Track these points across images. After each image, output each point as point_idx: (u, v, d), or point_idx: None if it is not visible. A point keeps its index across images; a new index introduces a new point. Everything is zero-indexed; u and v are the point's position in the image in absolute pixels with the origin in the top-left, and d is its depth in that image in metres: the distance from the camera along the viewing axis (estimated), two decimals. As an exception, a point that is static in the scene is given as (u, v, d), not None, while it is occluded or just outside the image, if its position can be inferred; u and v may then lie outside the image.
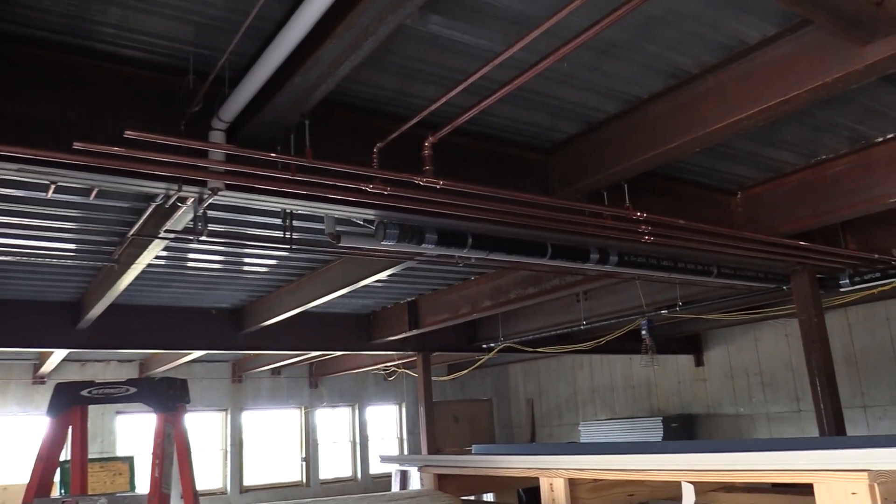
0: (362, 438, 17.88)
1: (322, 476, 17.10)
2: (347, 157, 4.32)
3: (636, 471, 2.69)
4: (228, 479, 15.87)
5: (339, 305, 10.53)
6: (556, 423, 18.95)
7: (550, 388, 19.22)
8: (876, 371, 12.88)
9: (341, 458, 17.68)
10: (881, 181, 5.82)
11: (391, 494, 2.94)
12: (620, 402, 17.34)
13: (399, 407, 18.61)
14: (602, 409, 17.75)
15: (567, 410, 18.68)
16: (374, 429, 18.28)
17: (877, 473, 1.98)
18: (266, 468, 16.51)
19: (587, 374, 18.20)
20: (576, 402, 18.47)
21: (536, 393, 19.64)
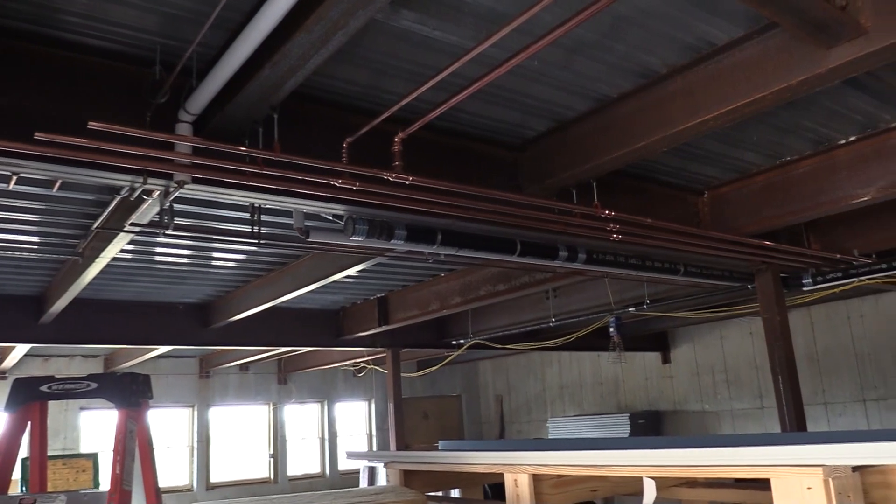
0: (331, 435, 17.82)
1: (290, 473, 17.01)
2: (317, 151, 4.29)
3: (598, 466, 2.71)
4: (195, 475, 15.72)
5: (308, 301, 10.47)
6: (526, 419, 19.06)
7: (520, 385, 19.31)
8: (837, 369, 13.14)
9: (310, 454, 17.60)
10: (843, 183, 5.93)
11: (355, 491, 2.93)
12: (589, 399, 17.49)
13: (368, 403, 18.57)
14: (571, 406, 17.89)
15: (536, 407, 18.80)
16: (343, 425, 18.23)
17: (831, 468, 2.03)
18: (234, 465, 16.37)
19: (556, 371, 18.33)
20: (545, 399, 18.59)
21: (506, 389, 19.73)
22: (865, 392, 12.79)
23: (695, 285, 8.35)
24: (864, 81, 4.82)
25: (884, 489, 2.21)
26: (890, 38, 3.61)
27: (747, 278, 7.91)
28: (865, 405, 12.79)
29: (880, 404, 12.61)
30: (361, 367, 16.87)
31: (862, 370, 12.84)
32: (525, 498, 2.93)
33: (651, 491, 2.43)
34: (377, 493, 2.80)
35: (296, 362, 16.26)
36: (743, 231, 6.52)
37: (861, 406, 12.83)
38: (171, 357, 14.82)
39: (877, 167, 5.72)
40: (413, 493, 2.79)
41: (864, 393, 12.80)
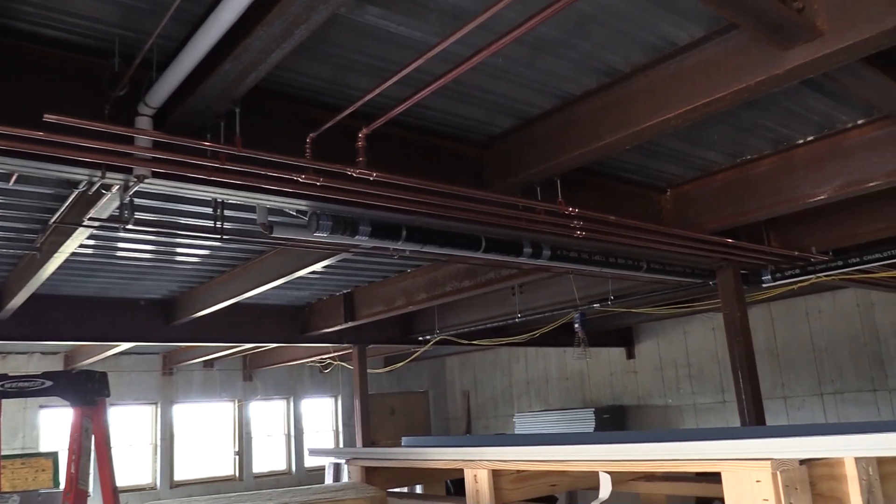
0: (297, 431, 17.73)
1: (256, 470, 16.89)
2: (280, 146, 4.26)
3: (556, 461, 2.75)
4: (158, 473, 15.53)
5: (273, 297, 10.39)
6: (492, 414, 19.15)
7: (486, 380, 19.40)
8: (796, 363, 13.43)
9: (276, 451, 17.49)
10: (801, 182, 6.05)
11: (315, 488, 2.92)
12: (554, 394, 17.64)
13: (335, 399, 18.51)
14: (537, 401, 18.02)
15: (503, 402, 18.90)
16: (310, 422, 18.14)
17: (779, 462, 2.08)
18: (198, 462, 16.21)
19: (522, 367, 18.44)
20: (511, 394, 18.70)
21: (472, 385, 19.80)
22: (823, 386, 13.09)
23: (658, 282, 8.46)
24: (821, 82, 4.92)
25: (830, 481, 2.28)
26: (845, 40, 3.69)
27: (709, 275, 8.03)
28: (823, 399, 13.09)
29: (837, 398, 12.91)
30: (328, 364, 16.79)
31: (820, 365, 13.13)
32: (484, 493, 2.95)
33: (606, 485, 2.47)
34: (337, 490, 2.80)
35: (261, 359, 16.13)
36: (704, 228, 6.61)
37: (819, 400, 13.13)
38: (133, 354, 14.61)
39: (833, 167, 5.85)
40: (373, 489, 2.79)
41: (822, 387, 13.10)
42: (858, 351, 12.71)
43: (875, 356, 12.54)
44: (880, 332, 12.51)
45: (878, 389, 12.48)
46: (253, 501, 2.46)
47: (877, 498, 2.23)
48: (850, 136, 5.77)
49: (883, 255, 7.47)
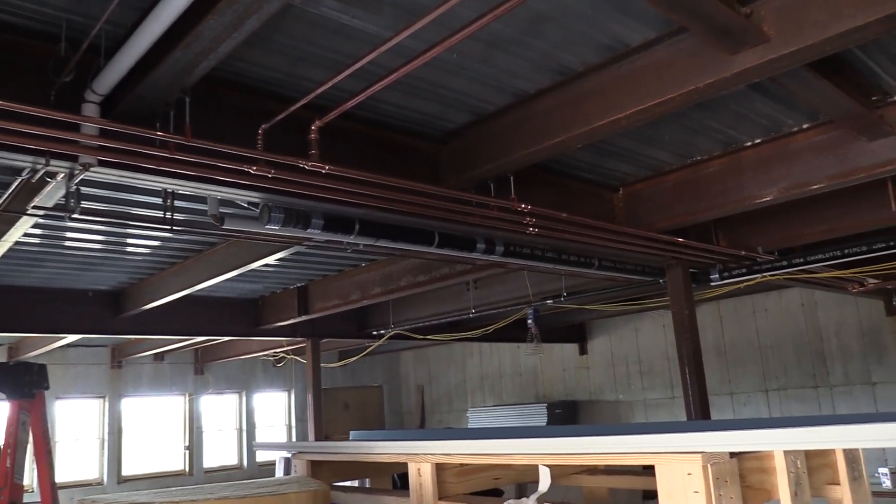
0: (249, 426, 17.56)
1: (206, 465, 16.69)
2: (232, 137, 4.21)
3: (496, 455, 2.79)
4: (105, 468, 15.24)
5: (226, 289, 10.27)
6: (446, 409, 19.23)
7: (441, 375, 19.46)
8: (742, 360, 13.77)
9: (227, 446, 17.30)
10: (749, 183, 6.19)
11: (259, 482, 2.90)
12: (508, 389, 17.78)
13: (288, 394, 18.38)
14: (490, 396, 18.15)
15: (457, 397, 18.98)
16: (262, 416, 17.98)
17: (710, 455, 2.15)
18: (147, 457, 15.94)
19: (477, 362, 18.55)
20: (465, 389, 18.80)
21: (427, 380, 19.85)
22: (768, 382, 13.45)
23: (609, 279, 8.59)
24: (768, 87, 5.04)
25: (760, 474, 2.35)
26: (790, 45, 3.79)
27: (659, 273, 8.17)
28: (768, 395, 13.45)
29: (780, 394, 13.28)
30: (281, 358, 16.67)
31: (765, 362, 13.50)
32: (428, 486, 2.97)
33: (546, 478, 2.50)
34: (280, 483, 2.78)
35: (213, 352, 15.93)
36: (655, 227, 6.73)
37: (764, 396, 13.48)
38: (80, 346, 14.29)
39: (779, 169, 6.00)
40: (317, 483, 2.79)
41: (767, 383, 13.46)
42: (802, 349, 13.09)
43: (818, 354, 12.92)
44: (823, 331, 12.90)
45: (820, 386, 12.87)
46: (193, 495, 2.43)
47: (804, 490, 2.31)
48: (796, 139, 5.93)
49: (825, 256, 7.70)
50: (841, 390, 12.65)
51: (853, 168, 5.66)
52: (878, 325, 12.32)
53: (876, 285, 10.53)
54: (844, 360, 12.63)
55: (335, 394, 18.43)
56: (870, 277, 9.92)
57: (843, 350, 12.66)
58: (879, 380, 12.25)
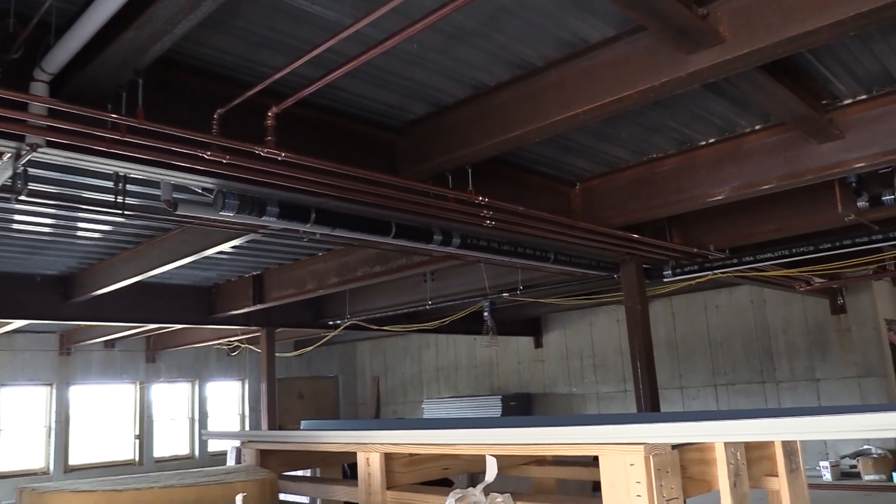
0: (202, 415, 17.36)
1: (157, 454, 16.45)
2: (186, 121, 4.14)
3: (444, 445, 2.81)
4: (52, 457, 14.91)
5: (179, 276, 10.11)
6: (402, 400, 19.25)
7: (397, 366, 19.47)
8: (693, 356, 14.06)
9: (179, 435, 17.06)
10: (702, 181, 6.31)
11: (206, 470, 2.87)
12: (463, 381, 17.87)
13: (242, 383, 18.20)
14: (446, 387, 18.22)
15: (412, 388, 19.02)
16: (215, 405, 17.78)
17: (651, 446, 2.20)
18: (96, 446, 15.64)
19: (433, 354, 18.60)
20: (421, 381, 18.84)
21: (383, 370, 19.84)
22: (717, 377, 13.76)
23: (565, 273, 8.67)
24: (723, 88, 5.14)
25: (700, 465, 2.42)
26: (744, 47, 3.87)
27: (613, 268, 8.28)
28: (716, 389, 13.76)
29: (729, 389, 13.60)
30: (235, 347, 16.48)
31: (715, 357, 13.80)
32: (376, 476, 2.98)
33: (492, 468, 2.53)
34: (227, 472, 2.76)
35: (165, 340, 15.68)
36: (610, 223, 6.81)
37: (713, 390, 13.79)
38: (27, 332, 13.94)
39: (731, 168, 6.13)
40: (265, 472, 2.77)
41: (716, 378, 13.77)
42: (750, 345, 13.41)
43: (765, 350, 13.26)
44: (771, 328, 13.23)
45: (767, 382, 13.21)
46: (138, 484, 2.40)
47: (743, 481, 2.38)
48: (749, 140, 6.06)
49: (774, 255, 7.89)
50: (786, 386, 12.99)
51: (802, 170, 5.80)
52: (823, 323, 12.68)
53: (822, 285, 10.85)
54: (790, 357, 12.98)
55: (290, 384, 18.31)
56: (816, 277, 10.20)
57: (790, 347, 13.01)
58: (823, 376, 12.62)
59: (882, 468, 11.32)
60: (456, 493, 2.48)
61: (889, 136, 5.35)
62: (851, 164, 5.57)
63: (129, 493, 2.27)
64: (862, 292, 12.34)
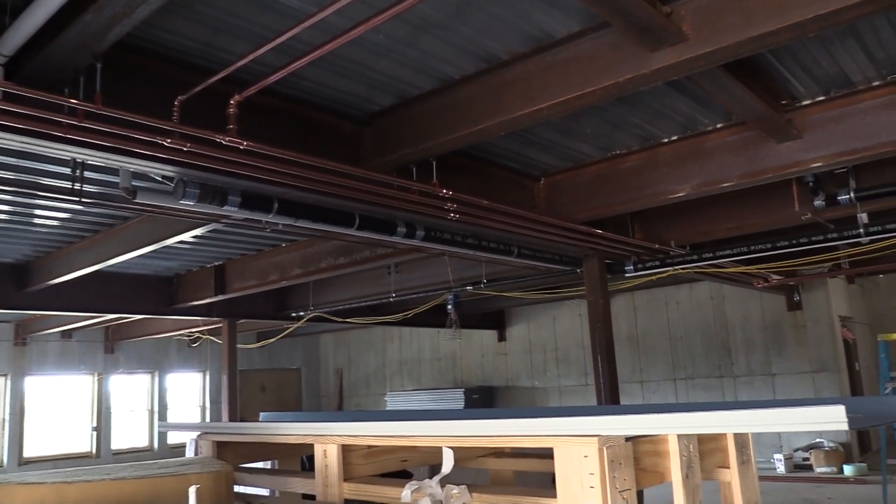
0: (161, 407, 17.14)
1: (115, 446, 16.21)
2: (146, 107, 4.06)
3: (401, 437, 2.81)
4: (6, 450, 14.61)
5: (139, 266, 9.96)
6: (364, 393, 19.22)
7: (360, 359, 19.43)
8: (653, 350, 14.26)
9: (138, 427, 16.83)
10: (664, 178, 6.39)
11: (161, 462, 2.83)
12: (427, 374, 17.90)
13: (203, 375, 18.01)
14: (409, 380, 18.23)
15: (375, 381, 19.00)
16: (175, 397, 17.56)
17: (605, 438, 2.23)
18: (51, 438, 15.34)
19: (396, 346, 18.59)
20: (384, 373, 18.83)
21: (346, 363, 19.78)
22: (676, 372, 13.98)
23: (528, 267, 8.72)
24: (686, 86, 5.20)
25: (654, 457, 2.46)
26: (706, 46, 3.92)
27: (576, 263, 8.35)
28: (675, 384, 13.98)
29: (688, 383, 13.83)
30: (196, 338, 16.28)
31: (675, 352, 14.02)
32: (333, 468, 2.97)
33: (449, 460, 2.54)
34: (182, 464, 2.72)
35: (125, 330, 15.43)
36: (574, 218, 6.87)
37: (672, 384, 14.01)
38: (-20, 321, 13.62)
39: (693, 166, 6.21)
40: (220, 464, 2.74)
41: (676, 373, 13.99)
42: (709, 340, 13.65)
43: (723, 345, 13.50)
44: (729, 324, 13.48)
45: (724, 376, 13.46)
46: (89, 476, 2.35)
47: (695, 473, 2.42)
48: (710, 138, 6.15)
49: (733, 252, 8.03)
50: (744, 380, 13.25)
51: (762, 168, 5.91)
52: (780, 319, 12.95)
53: (779, 281, 11.07)
54: (748, 352, 13.24)
55: (252, 376, 18.16)
56: (773, 274, 10.41)
57: (747, 342, 13.27)
58: (779, 371, 12.89)
59: (833, 461, 11.61)
60: (412, 485, 2.49)
61: (845, 137, 5.47)
62: (809, 164, 5.69)
63: (78, 485, 2.23)
64: (817, 289, 12.63)
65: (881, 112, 5.31)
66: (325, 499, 3.11)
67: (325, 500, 3.11)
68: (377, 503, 3.04)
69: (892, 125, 5.27)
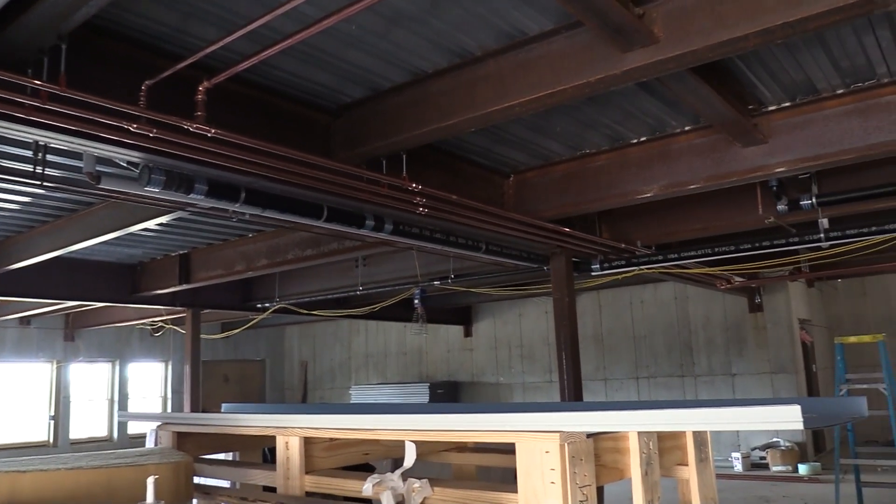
0: (122, 397, 16.89)
1: (73, 436, 15.93)
2: (113, 91, 3.99)
3: (363, 430, 2.81)
4: (-42, 437, 14.28)
5: (102, 253, 9.79)
6: (329, 386, 19.15)
7: (326, 352, 19.35)
8: (617, 348, 14.42)
9: (97, 416, 16.56)
10: (632, 178, 6.45)
11: (118, 452, 2.79)
12: (392, 368, 17.89)
13: (165, 364, 17.78)
14: (375, 374, 18.20)
15: (341, 374, 18.94)
16: (137, 387, 17.32)
17: (567, 434, 2.25)
18: (7, 427, 15.03)
19: (362, 340, 18.55)
20: (350, 367, 18.78)
21: (311, 355, 19.68)
22: (639, 370, 14.15)
23: (496, 263, 8.75)
24: (656, 88, 5.25)
25: (614, 454, 2.49)
26: (678, 49, 3.96)
27: (543, 260, 8.40)
28: (638, 382, 14.15)
29: (651, 381, 14.01)
30: (159, 327, 16.07)
31: (638, 351, 14.19)
32: (295, 460, 2.96)
33: (411, 453, 2.54)
34: (141, 454, 2.68)
35: (86, 318, 15.17)
36: (542, 215, 6.90)
37: (635, 383, 14.18)
38: (-66, 306, 13.27)
39: (660, 167, 6.28)
40: (180, 454, 2.70)
41: (639, 371, 14.16)
42: (672, 340, 13.84)
43: (686, 345, 13.70)
44: (692, 324, 13.68)
45: (686, 375, 13.66)
46: (44, 465, 2.31)
47: (654, 470, 2.46)
48: (678, 140, 6.22)
49: (698, 253, 8.15)
50: (704, 380, 13.46)
51: (727, 171, 5.99)
52: (741, 321, 13.17)
53: (741, 283, 11.27)
54: (709, 352, 13.45)
55: (215, 366, 17.98)
56: (736, 275, 10.58)
57: (709, 343, 13.47)
58: (738, 371, 13.12)
59: (789, 460, 11.86)
60: (374, 478, 2.49)
61: (809, 144, 5.57)
62: (773, 169, 5.79)
63: (32, 474, 2.18)
64: (778, 292, 12.87)
65: (844, 120, 5.42)
66: (286, 491, 3.10)
67: (286, 493, 3.10)
68: (339, 496, 3.04)
69: (854, 133, 5.38)
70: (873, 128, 5.31)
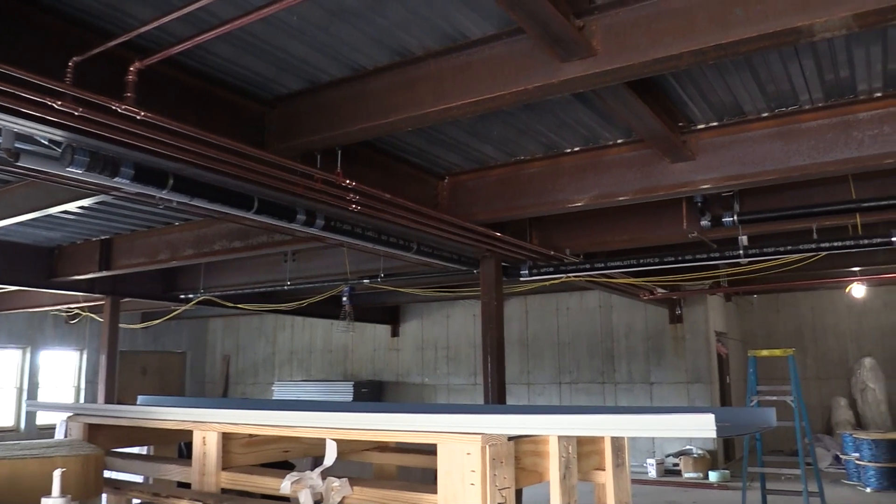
0: (32, 385, 16.17)
1: (-25, 425, 15.18)
2: (36, 64, 3.81)
3: (283, 427, 2.77)
4: None
5: (17, 234, 9.37)
6: (252, 381, 18.81)
7: (249, 346, 19.00)
8: (542, 353, 14.64)
9: (4, 405, 15.81)
10: (564, 187, 6.56)
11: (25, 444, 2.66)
12: (317, 365, 17.70)
13: (80, 353, 17.12)
14: (299, 371, 17.98)
15: (264, 369, 18.63)
16: (48, 375, 16.61)
17: (489, 437, 2.28)
18: None
19: (288, 335, 18.30)
20: (273, 362, 18.50)
21: (235, 349, 19.29)
22: (562, 375, 14.41)
23: (426, 264, 8.76)
24: (591, 99, 5.36)
25: (534, 457, 2.53)
26: (614, 63, 4.05)
27: (473, 263, 8.46)
28: (560, 387, 14.40)
29: (572, 387, 14.28)
30: (75, 314, 15.47)
31: (562, 357, 14.44)
32: (212, 456, 2.88)
33: (332, 452, 2.52)
34: (48, 446, 2.57)
35: (-5, 301, 14.47)
36: (475, 218, 6.95)
37: (557, 387, 14.42)
38: None
39: (592, 178, 6.41)
40: (91, 447, 2.60)
41: (561, 376, 14.41)
42: (595, 347, 14.14)
43: (607, 353, 14.02)
44: (615, 332, 14.01)
45: (606, 382, 13.98)
46: (-58, 452, 2.19)
47: (572, 473, 2.50)
48: (610, 152, 6.36)
49: (623, 263, 8.35)
50: (624, 387, 13.80)
51: (656, 185, 6.16)
52: (661, 331, 13.56)
53: (663, 295, 11.61)
54: (630, 360, 13.80)
55: (133, 357, 17.43)
56: (659, 287, 10.89)
57: (630, 351, 13.82)
58: (657, 380, 13.50)
59: (700, 467, 12.27)
60: (292, 476, 2.45)
61: (734, 163, 5.78)
62: (699, 185, 5.98)
63: (-71, 463, 2.05)
64: (697, 305, 13.30)
65: (767, 142, 5.65)
66: (201, 487, 3.02)
67: (201, 489, 3.02)
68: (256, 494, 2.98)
69: (776, 155, 5.61)
70: (794, 151, 5.55)
